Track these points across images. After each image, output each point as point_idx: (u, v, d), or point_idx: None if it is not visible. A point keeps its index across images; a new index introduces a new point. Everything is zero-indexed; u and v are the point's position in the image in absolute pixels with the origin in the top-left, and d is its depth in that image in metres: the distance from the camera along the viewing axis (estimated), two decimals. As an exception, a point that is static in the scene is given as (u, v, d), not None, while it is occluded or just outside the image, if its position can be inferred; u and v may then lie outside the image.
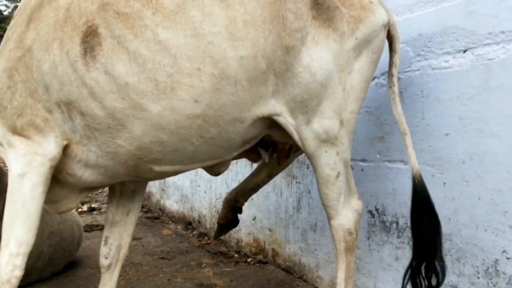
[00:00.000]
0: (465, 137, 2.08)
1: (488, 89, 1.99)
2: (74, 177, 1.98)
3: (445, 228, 2.14)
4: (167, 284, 3.14)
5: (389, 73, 2.18)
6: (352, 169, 2.69)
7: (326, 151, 2.00)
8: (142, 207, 5.89)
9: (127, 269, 3.47)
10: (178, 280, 3.23)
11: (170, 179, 5.36)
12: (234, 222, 2.78)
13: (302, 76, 1.87)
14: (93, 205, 6.01)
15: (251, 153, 2.30)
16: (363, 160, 2.64)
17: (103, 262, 2.32)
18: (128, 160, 1.87)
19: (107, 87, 1.74)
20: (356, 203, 2.13)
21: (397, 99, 2.11)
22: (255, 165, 3.62)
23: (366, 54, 2.01)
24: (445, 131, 2.17)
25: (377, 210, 2.52)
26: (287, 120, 1.94)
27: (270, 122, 1.98)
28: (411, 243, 2.31)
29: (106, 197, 6.45)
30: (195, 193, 4.73)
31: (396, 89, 2.13)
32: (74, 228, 3.51)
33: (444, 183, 2.16)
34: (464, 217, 2.07)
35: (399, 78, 2.43)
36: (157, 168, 1.89)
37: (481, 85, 2.02)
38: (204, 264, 3.57)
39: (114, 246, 2.29)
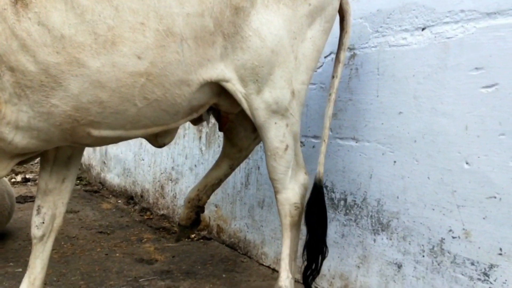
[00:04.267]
0: (418, 116, 2.06)
1: (444, 68, 1.97)
2: (3, 141, 1.77)
3: (393, 207, 2.14)
4: (104, 259, 2.98)
5: (336, 58, 2.13)
6: (304, 145, 2.63)
7: (275, 123, 1.93)
8: (81, 180, 5.62)
9: (62, 243, 3.27)
10: (117, 255, 3.08)
11: (112, 151, 5.12)
12: (197, 222, 2.58)
13: (251, 40, 1.78)
14: (27, 176, 5.67)
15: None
16: (315, 137, 2.58)
17: (35, 232, 2.12)
18: (63, 122, 1.69)
19: (40, 40, 1.55)
20: (303, 178, 2.09)
21: (333, 97, 2.08)
22: (203, 140, 3.50)
23: (319, 22, 1.94)
24: (398, 110, 2.14)
25: (326, 187, 2.48)
26: (236, 88, 1.85)
27: (219, 90, 1.88)
28: (357, 220, 2.29)
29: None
30: (138, 166, 4.54)
31: (337, 82, 2.10)
32: (5, 198, 3.27)
33: (395, 162, 2.14)
34: (412, 196, 2.06)
35: (355, 55, 2.37)
36: (95, 132, 1.73)
37: (437, 64, 1.99)
38: (145, 239, 3.43)
39: (47, 215, 2.11)
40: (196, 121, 2.20)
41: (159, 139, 2.00)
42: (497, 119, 1.77)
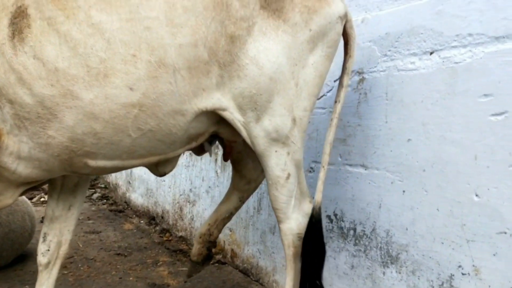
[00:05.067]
0: (427, 144, 1.97)
1: (452, 94, 1.88)
2: (7, 170, 1.81)
3: (402, 238, 2.04)
4: (117, 283, 2.99)
5: (340, 82, 2.06)
6: (314, 171, 2.57)
7: (276, 151, 1.89)
8: (107, 199, 5.72)
9: (79, 265, 3.31)
10: (130, 279, 3.08)
11: (136, 171, 5.19)
12: (209, 258, 2.53)
13: (248, 68, 1.74)
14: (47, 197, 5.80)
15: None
16: (325, 163, 2.51)
17: (41, 259, 2.16)
18: (61, 153, 1.72)
19: (35, 73, 1.59)
20: (307, 207, 2.02)
21: (335, 122, 2.00)
22: (219, 162, 3.49)
23: (321, 47, 1.89)
24: (407, 137, 2.06)
25: (335, 215, 2.40)
26: (234, 116, 1.82)
27: (217, 118, 1.85)
28: (367, 251, 2.21)
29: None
30: (159, 187, 4.57)
31: (339, 107, 2.02)
32: (25, 219, 3.33)
33: (404, 191, 2.05)
34: (422, 228, 1.96)
35: (364, 79, 2.31)
36: (92, 162, 1.74)
37: (446, 90, 1.91)
38: (161, 263, 3.43)
39: (53, 243, 2.13)
40: (199, 151, 2.19)
41: (159, 168, 2.00)
42: (507, 149, 1.66)
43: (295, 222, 1.98)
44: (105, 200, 5.71)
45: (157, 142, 1.76)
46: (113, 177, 5.96)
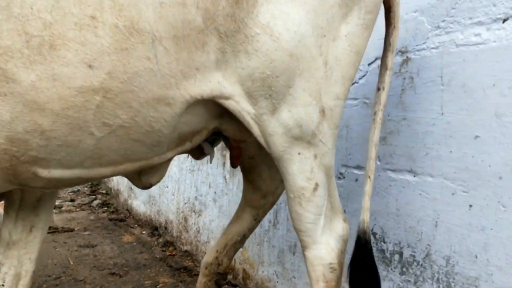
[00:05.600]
0: (502, 142, 1.45)
1: (542, 72, 1.36)
2: None
3: (469, 269, 1.52)
4: (107, 312, 2.51)
5: (382, 63, 1.57)
6: (344, 178, 2.06)
7: (299, 153, 1.40)
8: (108, 206, 5.27)
9: (65, 288, 2.83)
10: (123, 306, 2.60)
11: (138, 177, 4.72)
12: None
13: (260, 40, 1.26)
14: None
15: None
16: (358, 167, 2.00)
17: (-5, 296, 1.68)
18: (0, 160, 1.23)
19: None
20: (341, 227, 1.53)
21: (380, 117, 1.52)
22: (228, 166, 3.01)
23: (358, 13, 1.40)
24: (473, 133, 1.54)
25: (374, 234, 1.89)
26: (241, 107, 1.33)
27: (219, 110, 1.37)
28: (418, 283, 1.69)
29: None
30: (162, 194, 4.10)
31: (384, 96, 1.53)
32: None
33: (470, 206, 1.54)
34: (498, 256, 1.44)
35: (408, 59, 1.80)
36: (44, 172, 1.26)
37: (532, 67, 1.39)
38: (161, 285, 2.94)
39: (9, 276, 1.65)
40: (198, 154, 1.69)
41: (143, 178, 1.51)
42: None
43: (325, 249, 1.48)
44: (105, 208, 5.26)
45: (133, 144, 1.27)
46: (114, 182, 5.51)
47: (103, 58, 1.13)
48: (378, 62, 1.89)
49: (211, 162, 1.90)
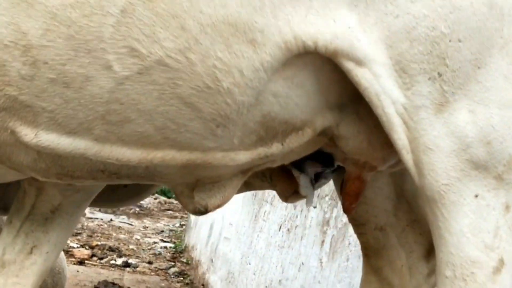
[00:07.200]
0: None
1: None
2: None
3: None
4: None
5: None
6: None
7: (477, 196, 0.79)
8: (184, 277, 4.77)
9: None
10: None
11: (222, 248, 4.22)
12: None
13: None
14: (131, 260, 5.03)
15: (278, 179, 1.04)
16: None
17: None
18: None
19: None
20: None
21: None
22: (326, 246, 2.39)
23: None
24: None
25: None
26: (381, 86, 0.78)
27: (341, 91, 0.80)
28: None
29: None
30: (242, 272, 3.51)
31: None
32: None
33: None
34: None
35: None
36: (28, 135, 0.77)
37: None
38: None
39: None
40: (287, 188, 1.08)
41: (196, 195, 0.93)
42: None
43: None
44: (181, 278, 4.76)
45: (181, 109, 0.76)
46: (197, 252, 5.05)
47: None
48: None
49: (308, 205, 1.26)
